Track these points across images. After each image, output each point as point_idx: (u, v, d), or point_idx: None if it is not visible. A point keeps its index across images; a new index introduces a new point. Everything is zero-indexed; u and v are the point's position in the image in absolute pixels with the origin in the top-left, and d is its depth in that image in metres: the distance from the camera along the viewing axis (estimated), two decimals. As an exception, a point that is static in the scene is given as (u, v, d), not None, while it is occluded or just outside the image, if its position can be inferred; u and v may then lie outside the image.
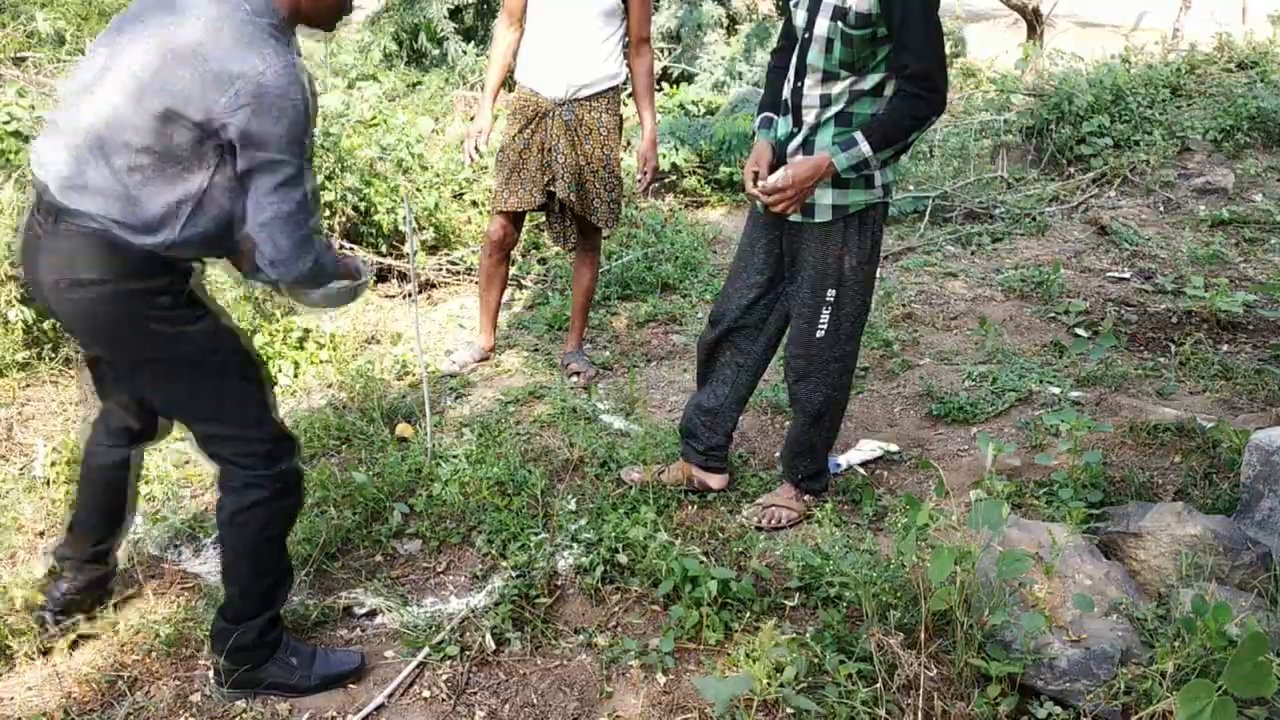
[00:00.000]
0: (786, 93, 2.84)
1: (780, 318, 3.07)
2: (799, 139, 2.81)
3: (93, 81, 2.06)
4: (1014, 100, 7.51)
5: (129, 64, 2.02)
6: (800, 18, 2.76)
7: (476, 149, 3.99)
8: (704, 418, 3.19)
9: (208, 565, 2.94)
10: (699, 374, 3.24)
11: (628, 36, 3.90)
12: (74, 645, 2.59)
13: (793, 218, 2.86)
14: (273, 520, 2.33)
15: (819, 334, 2.93)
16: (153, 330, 2.13)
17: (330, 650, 2.54)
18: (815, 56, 2.71)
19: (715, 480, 3.26)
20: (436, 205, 5.14)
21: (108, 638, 2.62)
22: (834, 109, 2.73)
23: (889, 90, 2.71)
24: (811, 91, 2.75)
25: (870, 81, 2.69)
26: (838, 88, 2.71)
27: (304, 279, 2.16)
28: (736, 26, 8.56)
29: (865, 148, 2.65)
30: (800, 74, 2.78)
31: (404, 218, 4.11)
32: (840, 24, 2.61)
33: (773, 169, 2.84)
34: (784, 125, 2.87)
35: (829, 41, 2.66)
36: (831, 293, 2.88)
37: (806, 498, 3.18)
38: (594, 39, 3.75)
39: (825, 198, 2.79)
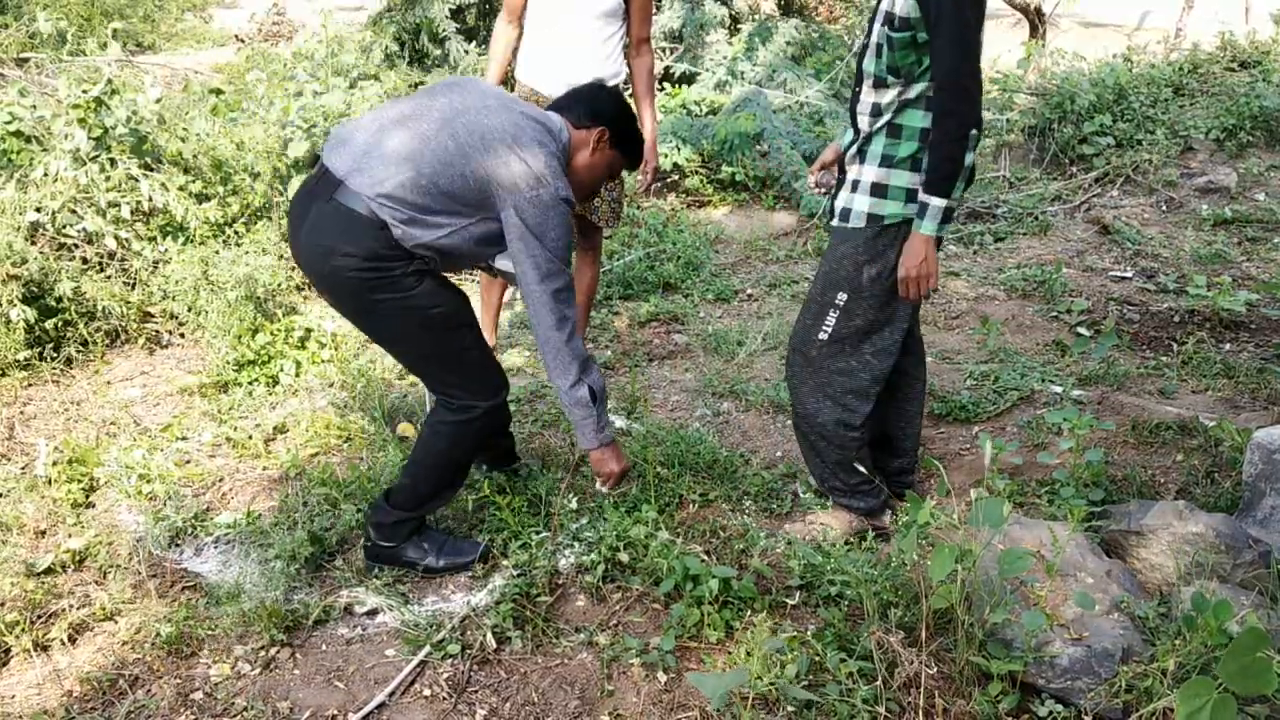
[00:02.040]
0: (850, 100, 2.85)
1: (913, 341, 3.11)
2: (855, 146, 2.81)
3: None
4: (1016, 100, 7.50)
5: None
6: (869, 25, 2.76)
7: None
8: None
9: (209, 564, 2.94)
10: None
11: (628, 36, 3.90)
12: (74, 642, 2.60)
13: (834, 223, 2.87)
14: (459, 441, 2.77)
15: (821, 335, 2.91)
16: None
17: (457, 539, 2.92)
18: (868, 61, 2.71)
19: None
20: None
21: (109, 636, 2.62)
22: (884, 118, 2.70)
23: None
24: (866, 99, 2.74)
25: (915, 90, 2.64)
26: (888, 96, 2.68)
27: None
28: (739, 26, 8.55)
29: (938, 202, 2.60)
30: (859, 80, 2.78)
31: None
32: (887, 29, 2.60)
33: (838, 172, 2.89)
34: (849, 133, 2.87)
35: (879, 47, 2.65)
36: (842, 297, 2.85)
37: (854, 518, 3.10)
38: (594, 38, 3.75)
39: (862, 205, 2.77)
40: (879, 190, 2.73)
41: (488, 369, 2.78)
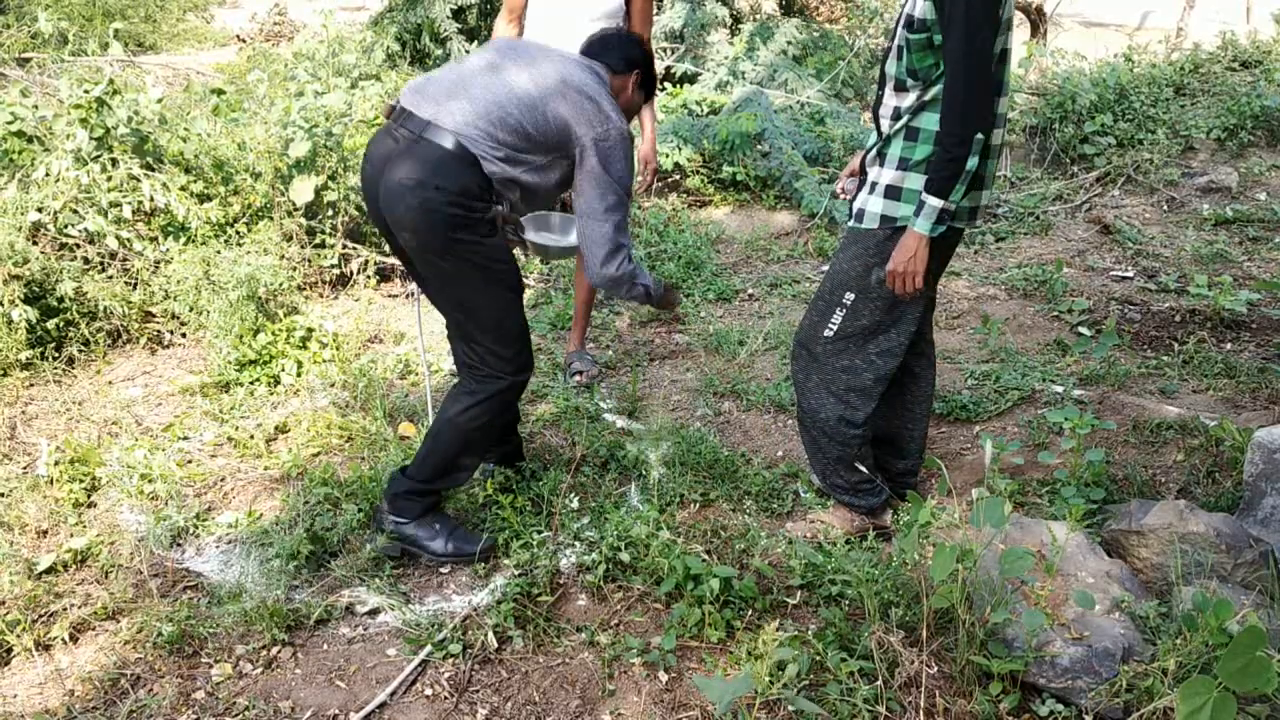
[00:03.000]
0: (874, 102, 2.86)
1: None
2: (875, 149, 2.82)
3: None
4: (1017, 99, 7.50)
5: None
6: (893, 28, 2.77)
7: None
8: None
9: (211, 564, 2.95)
10: None
11: None
12: (76, 641, 2.60)
13: (849, 223, 2.88)
14: (479, 413, 2.84)
15: (827, 332, 2.92)
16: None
17: (469, 531, 2.97)
18: (890, 64, 2.72)
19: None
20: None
21: (110, 635, 2.62)
22: (903, 121, 2.70)
23: None
24: (888, 101, 2.75)
25: (933, 93, 2.64)
26: (908, 100, 2.68)
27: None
28: (740, 26, 8.55)
29: (934, 202, 2.59)
30: (882, 83, 2.79)
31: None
32: (906, 31, 2.61)
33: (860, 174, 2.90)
34: (874, 135, 2.87)
35: (900, 49, 2.65)
36: (849, 296, 2.86)
37: (855, 517, 3.11)
38: None
39: (876, 206, 2.77)
40: (894, 193, 2.74)
41: (523, 341, 2.89)
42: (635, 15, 3.83)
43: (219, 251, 4.31)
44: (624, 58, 2.94)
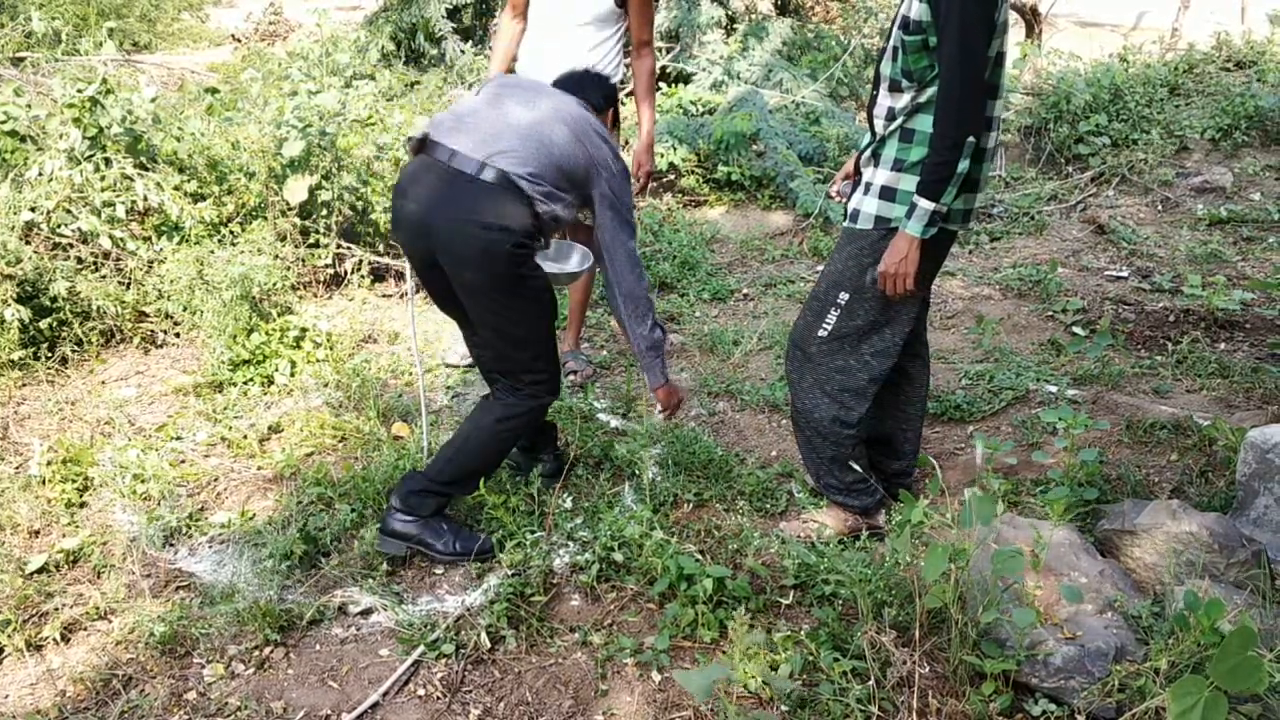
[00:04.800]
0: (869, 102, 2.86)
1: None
2: (870, 149, 2.82)
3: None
4: (1012, 99, 7.51)
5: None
6: (889, 28, 2.77)
7: None
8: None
9: (204, 564, 2.94)
10: None
11: (629, 38, 3.89)
12: (68, 642, 2.59)
13: (844, 224, 2.88)
14: (515, 426, 2.93)
15: (822, 332, 2.92)
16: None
17: (471, 531, 3.00)
18: (885, 65, 2.72)
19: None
20: (434, 204, 5.13)
21: (103, 635, 2.62)
22: (897, 122, 2.71)
23: None
24: (883, 102, 2.75)
25: (927, 95, 2.64)
26: (902, 100, 2.68)
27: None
28: (735, 26, 8.55)
29: (925, 204, 2.60)
30: (876, 83, 2.79)
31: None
32: (901, 32, 2.61)
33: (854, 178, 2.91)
34: (868, 136, 2.88)
35: (895, 50, 2.66)
36: (844, 296, 2.86)
37: (849, 517, 3.10)
38: (586, 44, 3.74)
39: (870, 207, 2.78)
40: (888, 194, 2.74)
41: (558, 365, 2.99)
42: (633, 18, 3.81)
43: (213, 251, 4.30)
44: (603, 96, 3.08)
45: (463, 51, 7.90)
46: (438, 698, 2.44)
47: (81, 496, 3.24)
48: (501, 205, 2.68)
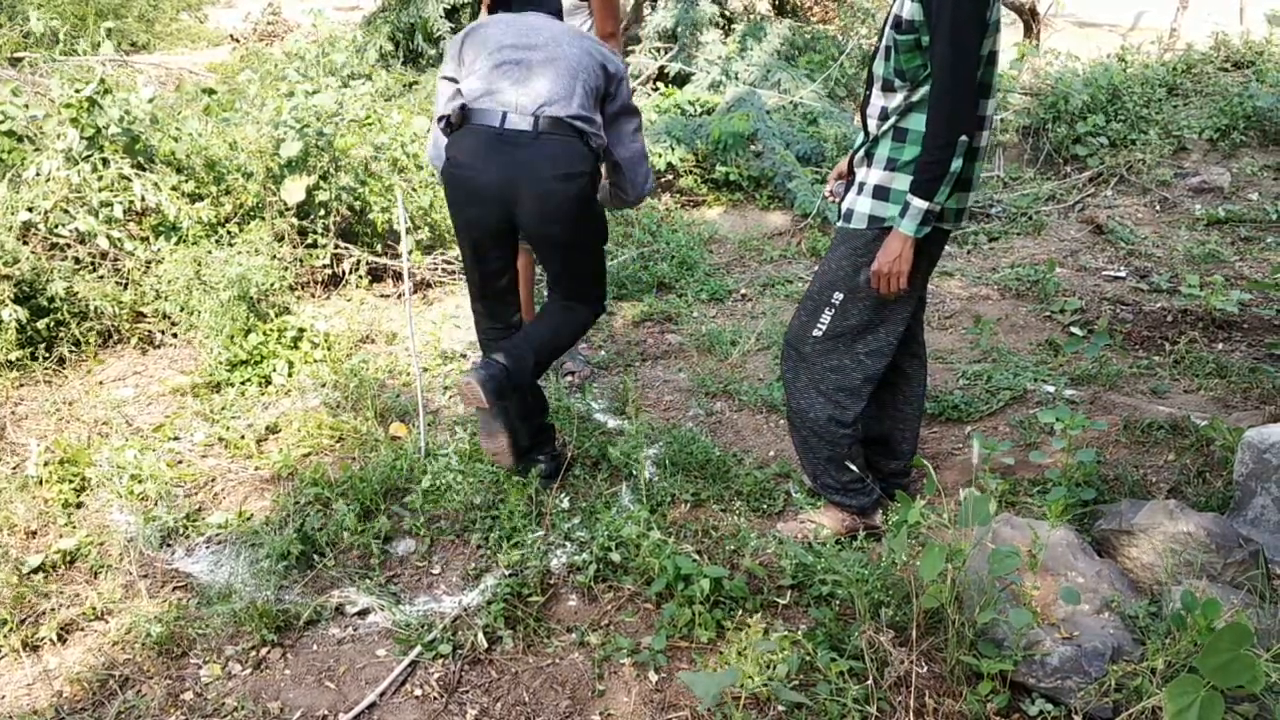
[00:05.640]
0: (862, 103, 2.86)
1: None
2: (864, 149, 2.82)
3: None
4: (1010, 99, 7.51)
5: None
6: (881, 28, 2.77)
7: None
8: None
9: (200, 564, 2.94)
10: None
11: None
12: (64, 642, 2.59)
13: (838, 223, 2.88)
14: (579, 330, 3.21)
15: (816, 332, 2.92)
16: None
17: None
18: (878, 64, 2.72)
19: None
20: (431, 204, 5.14)
21: (99, 636, 2.62)
22: (890, 121, 2.71)
23: None
24: (876, 102, 2.75)
25: (920, 94, 2.64)
26: (895, 100, 2.69)
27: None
28: (733, 26, 8.55)
29: (919, 203, 2.60)
30: (870, 83, 2.80)
31: (398, 217, 4.10)
32: (894, 32, 2.61)
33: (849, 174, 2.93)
34: (861, 135, 2.88)
35: (888, 49, 2.66)
36: (838, 296, 2.86)
37: (846, 517, 3.10)
38: None
39: (864, 207, 2.78)
40: (881, 193, 2.74)
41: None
42: (596, 13, 3.77)
43: (210, 251, 4.30)
44: (558, 8, 3.16)
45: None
46: (435, 698, 2.44)
47: (78, 497, 3.24)
48: (569, 152, 2.83)
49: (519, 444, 3.10)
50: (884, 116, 2.72)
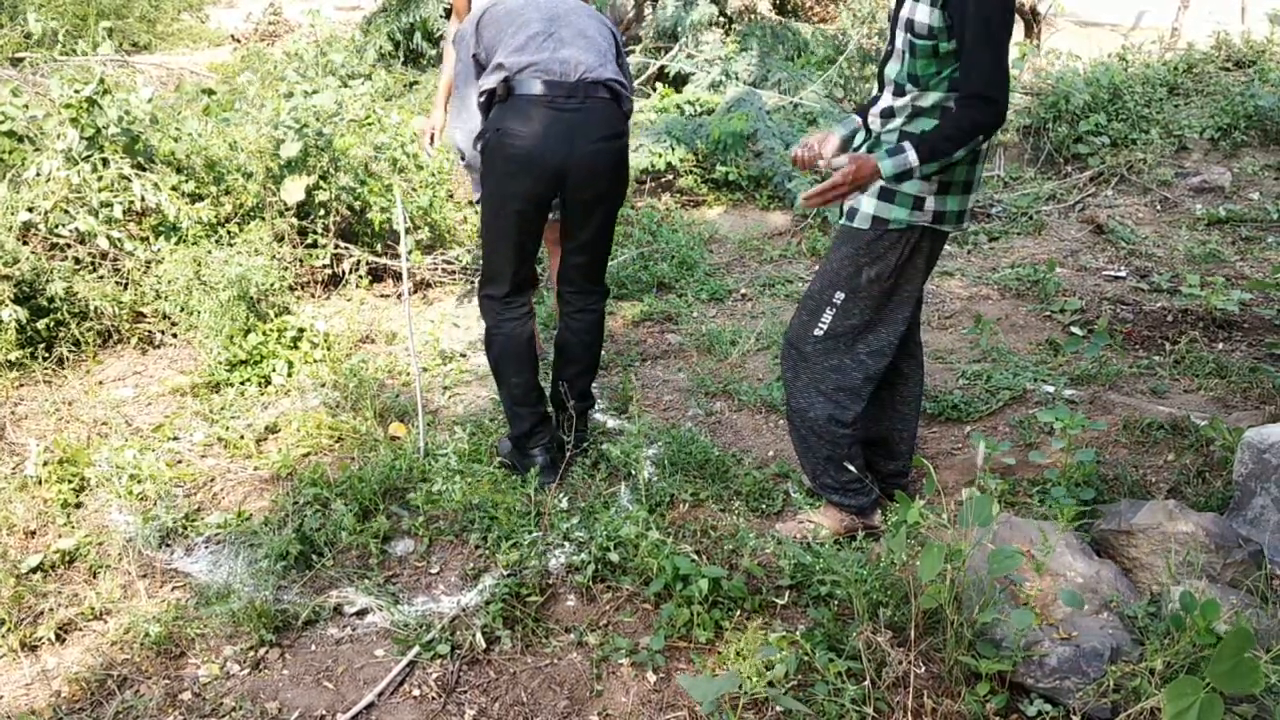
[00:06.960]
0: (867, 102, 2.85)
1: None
2: (865, 147, 2.81)
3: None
4: (1011, 99, 7.50)
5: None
6: (891, 32, 2.76)
7: (431, 140, 4.04)
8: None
9: (199, 564, 2.94)
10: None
11: None
12: (63, 642, 2.59)
13: (840, 221, 2.87)
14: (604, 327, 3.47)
15: (817, 331, 2.92)
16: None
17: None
18: (890, 67, 2.72)
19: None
20: (431, 204, 5.14)
21: (98, 636, 2.62)
22: (895, 122, 2.70)
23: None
24: (883, 103, 2.75)
25: (930, 99, 2.64)
26: (901, 102, 2.68)
27: None
28: (733, 26, 8.55)
29: (911, 156, 2.54)
30: (880, 85, 2.79)
31: (398, 217, 4.11)
32: (909, 35, 2.60)
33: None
34: (848, 126, 2.89)
35: (901, 54, 2.65)
36: (840, 295, 2.86)
37: (845, 517, 3.09)
38: None
39: (868, 207, 2.77)
40: (887, 194, 2.73)
41: None
42: None
43: (210, 251, 4.30)
44: None
45: (461, 52, 7.89)
46: (433, 698, 2.44)
47: (78, 497, 3.24)
48: (613, 113, 3.05)
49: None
50: (889, 117, 2.72)
